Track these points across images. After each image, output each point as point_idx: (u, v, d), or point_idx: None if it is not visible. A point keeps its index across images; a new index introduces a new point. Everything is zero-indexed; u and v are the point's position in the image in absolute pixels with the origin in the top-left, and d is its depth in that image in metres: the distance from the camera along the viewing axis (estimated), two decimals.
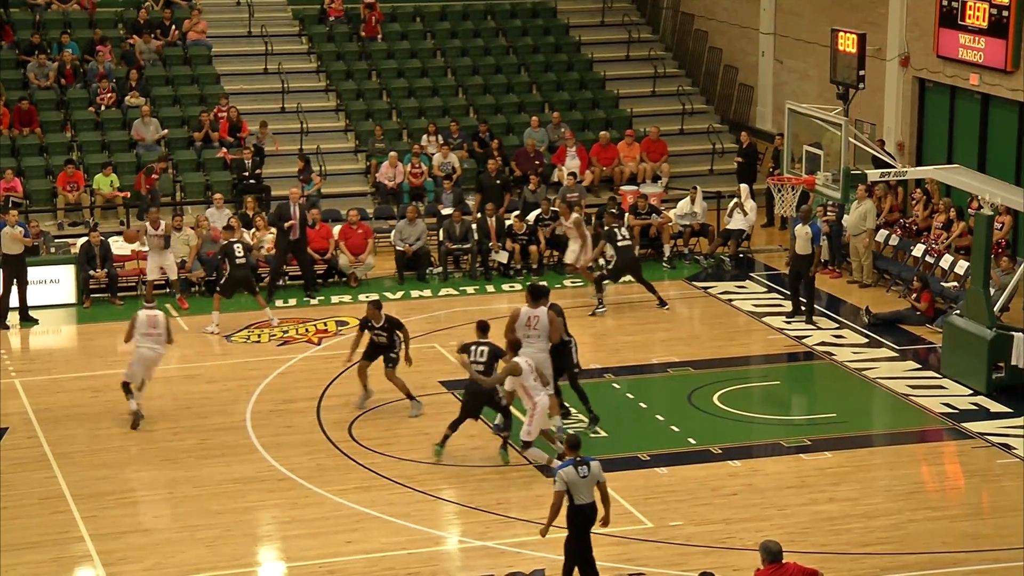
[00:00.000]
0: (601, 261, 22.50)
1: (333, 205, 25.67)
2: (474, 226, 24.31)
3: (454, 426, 16.63)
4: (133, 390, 17.74)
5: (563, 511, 12.85)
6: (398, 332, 17.98)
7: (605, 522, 13.09)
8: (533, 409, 16.00)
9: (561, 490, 12.76)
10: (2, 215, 22.45)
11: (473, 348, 16.63)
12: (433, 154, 26.87)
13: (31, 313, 21.76)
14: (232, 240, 21.52)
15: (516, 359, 16.10)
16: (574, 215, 23.15)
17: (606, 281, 22.25)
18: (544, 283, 18.56)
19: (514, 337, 16.54)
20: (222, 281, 21.45)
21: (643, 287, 22.18)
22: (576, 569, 12.92)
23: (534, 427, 16.08)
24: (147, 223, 22.36)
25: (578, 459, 12.87)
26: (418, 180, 26.34)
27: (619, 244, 21.96)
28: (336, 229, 23.97)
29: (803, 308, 21.43)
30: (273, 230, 23.27)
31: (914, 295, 21.52)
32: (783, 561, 11.27)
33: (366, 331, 17.99)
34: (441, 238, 24.38)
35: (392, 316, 18.19)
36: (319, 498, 15.70)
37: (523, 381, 15.96)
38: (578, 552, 12.90)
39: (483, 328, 16.86)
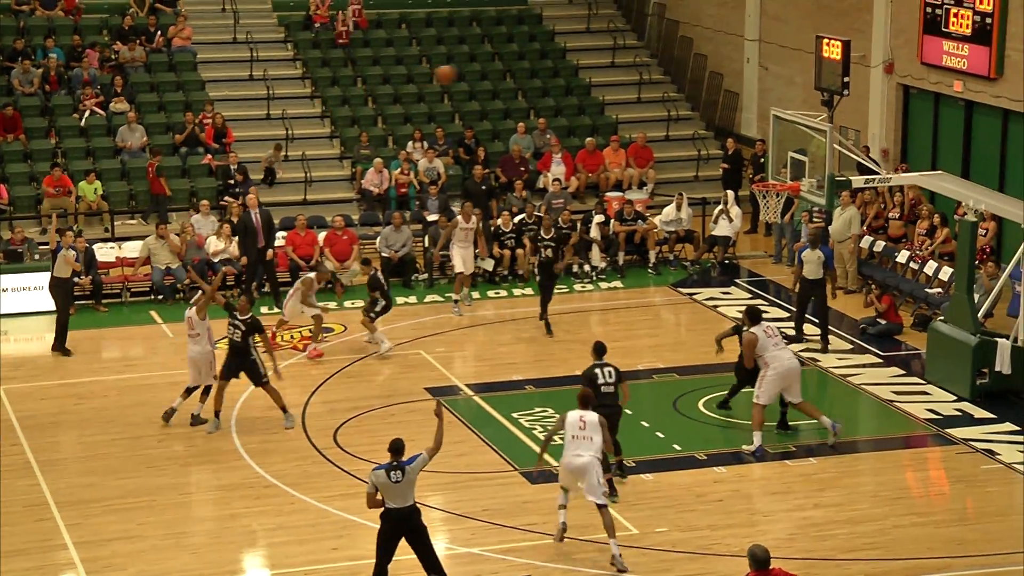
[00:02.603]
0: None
1: (318, 212, 25.64)
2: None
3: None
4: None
5: None
6: (256, 336, 17.75)
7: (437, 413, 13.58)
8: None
9: (370, 492, 13.12)
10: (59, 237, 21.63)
11: (599, 370, 15.94)
12: (419, 160, 26.86)
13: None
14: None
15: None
16: (474, 217, 22.69)
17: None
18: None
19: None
20: (375, 309, 20.58)
21: None
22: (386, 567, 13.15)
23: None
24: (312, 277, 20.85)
25: (394, 464, 13.03)
26: (405, 188, 26.34)
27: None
28: (321, 236, 23.95)
29: (800, 333, 21.02)
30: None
31: (874, 297, 21.49)
32: (770, 567, 11.27)
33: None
34: (427, 244, 24.38)
35: (256, 317, 17.93)
36: (304, 505, 15.68)
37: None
38: (386, 551, 13.12)
39: (600, 351, 16.20)
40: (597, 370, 15.94)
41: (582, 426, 14.50)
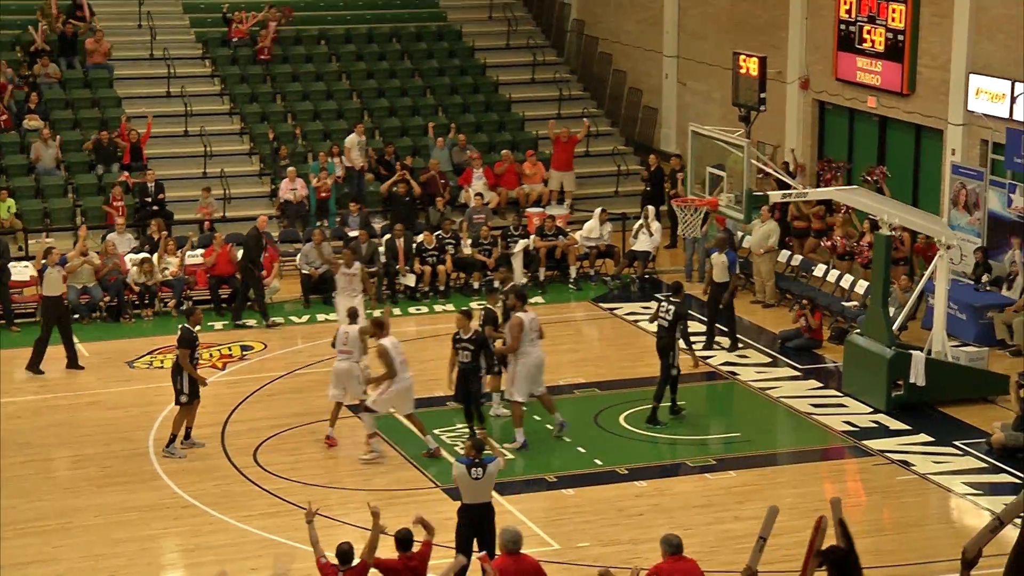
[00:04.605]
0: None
1: (238, 228, 25.42)
2: (381, 248, 24.24)
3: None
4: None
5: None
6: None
7: None
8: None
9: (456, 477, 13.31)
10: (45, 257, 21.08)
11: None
12: (348, 137, 26.74)
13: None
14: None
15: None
16: (357, 263, 20.90)
17: None
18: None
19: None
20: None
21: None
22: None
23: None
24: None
25: (476, 460, 13.10)
26: (327, 193, 26.23)
27: None
28: (240, 252, 23.74)
29: (716, 339, 21.41)
30: (178, 255, 23.29)
31: (807, 312, 21.71)
32: (683, 554, 11.40)
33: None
34: None
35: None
36: (224, 525, 15.53)
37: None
38: (467, 548, 13.11)
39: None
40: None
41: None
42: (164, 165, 26.94)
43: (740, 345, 21.40)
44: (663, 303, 18.59)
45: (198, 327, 17.67)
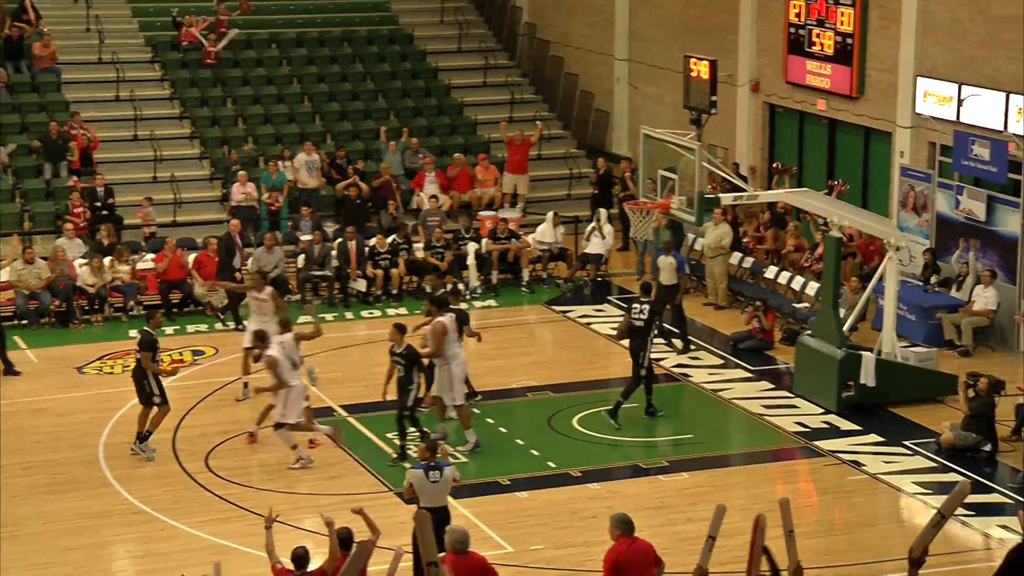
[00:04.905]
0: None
1: (188, 233, 25.31)
2: (333, 252, 24.15)
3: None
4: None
5: None
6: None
7: None
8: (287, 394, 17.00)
9: (406, 487, 13.58)
10: None
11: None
12: (298, 155, 26.63)
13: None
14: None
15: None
16: (268, 288, 19.72)
17: None
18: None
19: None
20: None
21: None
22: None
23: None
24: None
25: (432, 464, 13.25)
26: (277, 205, 26.10)
27: None
28: (191, 257, 23.63)
29: (672, 340, 21.51)
30: (129, 261, 23.14)
31: (755, 318, 21.81)
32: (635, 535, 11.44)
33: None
34: (300, 265, 24.16)
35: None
36: (175, 531, 15.42)
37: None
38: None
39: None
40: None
41: None
42: (114, 169, 26.74)
43: (692, 347, 21.49)
44: (635, 305, 18.51)
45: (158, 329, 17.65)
